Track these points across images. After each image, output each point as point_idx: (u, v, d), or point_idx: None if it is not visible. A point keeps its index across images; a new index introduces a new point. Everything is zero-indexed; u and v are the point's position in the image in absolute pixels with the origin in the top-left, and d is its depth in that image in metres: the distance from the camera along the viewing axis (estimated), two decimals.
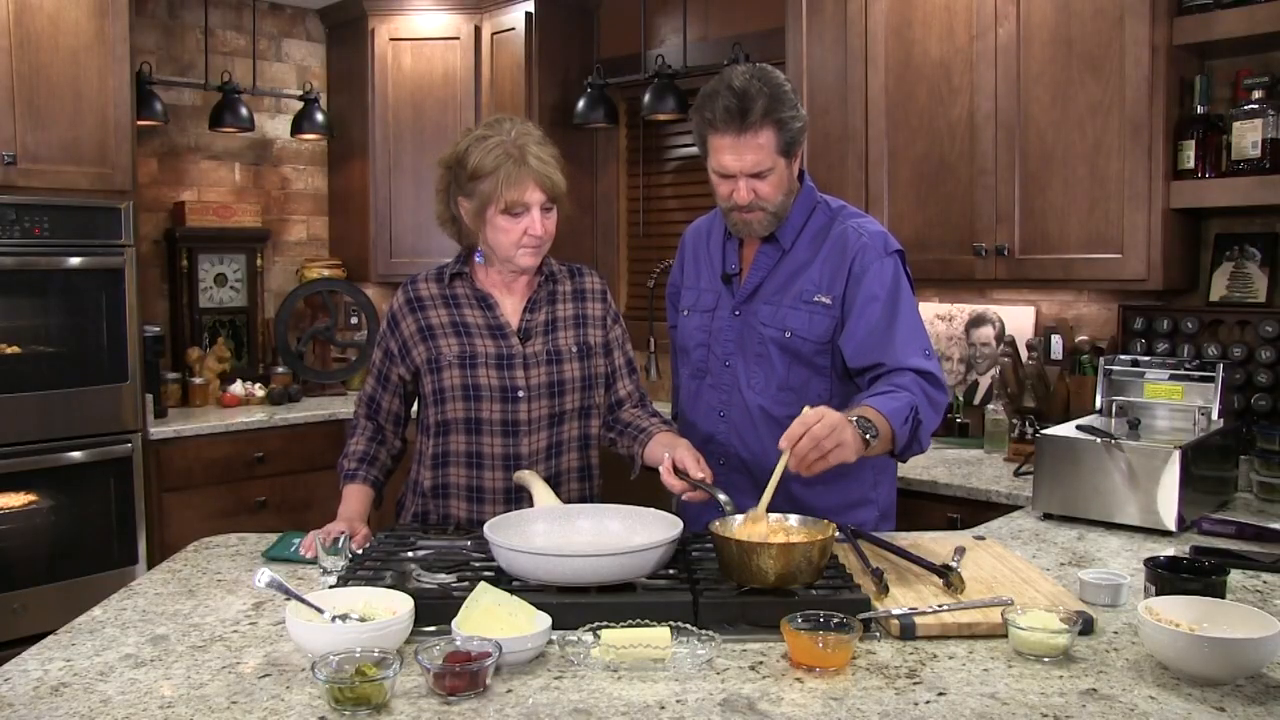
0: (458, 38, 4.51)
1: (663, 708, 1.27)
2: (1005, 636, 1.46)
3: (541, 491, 1.89)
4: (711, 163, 2.01)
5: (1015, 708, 1.27)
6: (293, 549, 1.95)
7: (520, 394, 2.02)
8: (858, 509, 2.08)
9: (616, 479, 2.21)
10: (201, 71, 4.44)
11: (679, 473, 1.87)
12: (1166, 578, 1.59)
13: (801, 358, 2.04)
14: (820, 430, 1.65)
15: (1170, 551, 1.91)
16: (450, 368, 2.02)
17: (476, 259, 2.10)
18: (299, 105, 4.65)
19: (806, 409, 1.70)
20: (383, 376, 2.14)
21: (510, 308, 2.08)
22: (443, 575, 1.64)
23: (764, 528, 1.64)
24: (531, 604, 1.46)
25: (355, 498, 2.07)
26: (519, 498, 2.00)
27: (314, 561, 1.84)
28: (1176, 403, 2.42)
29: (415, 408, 2.17)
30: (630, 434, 2.10)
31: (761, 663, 1.41)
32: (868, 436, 1.73)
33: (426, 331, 2.06)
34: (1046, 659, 1.41)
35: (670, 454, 1.89)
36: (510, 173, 1.93)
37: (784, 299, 2.05)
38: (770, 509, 1.68)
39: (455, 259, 2.12)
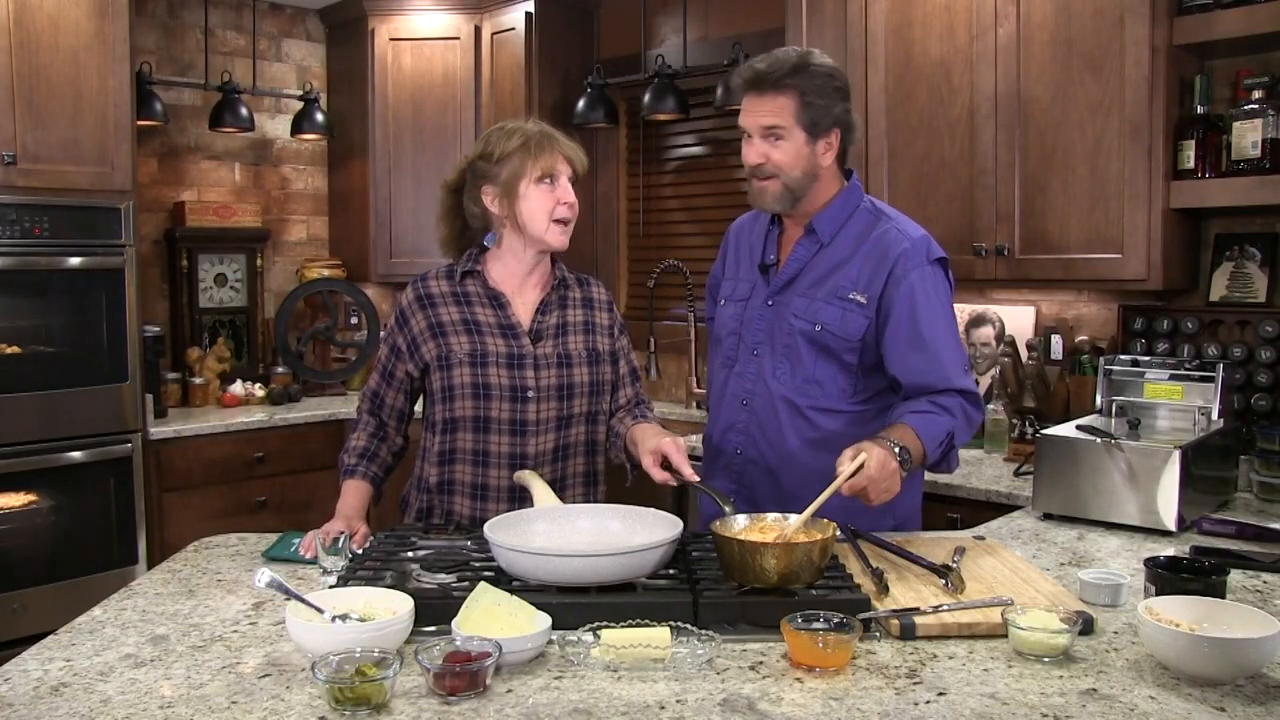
0: (458, 38, 4.51)
1: (663, 708, 1.27)
2: (1005, 636, 1.46)
3: (541, 491, 1.89)
4: (739, 125, 2.06)
5: (1015, 708, 1.27)
6: (293, 549, 1.95)
7: (530, 394, 2.02)
8: (875, 517, 2.07)
9: (622, 485, 2.21)
10: (201, 71, 4.44)
11: (671, 470, 1.88)
12: (1166, 578, 1.59)
13: (830, 352, 2.03)
14: (879, 476, 1.75)
15: (1170, 551, 1.91)
16: (461, 365, 2.02)
17: (487, 240, 2.10)
18: (299, 105, 4.65)
19: (865, 456, 1.74)
20: (388, 373, 2.14)
21: (522, 308, 2.08)
22: (443, 575, 1.64)
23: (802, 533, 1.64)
24: (531, 604, 1.46)
25: (354, 493, 2.07)
26: (523, 496, 1.99)
27: (314, 561, 1.85)
28: (1176, 403, 2.42)
29: (420, 406, 2.17)
30: (611, 439, 2.13)
31: (761, 663, 1.41)
32: (906, 468, 1.82)
33: (437, 328, 2.06)
34: (1046, 659, 1.41)
35: (659, 444, 1.90)
36: (536, 146, 2.00)
37: (818, 293, 2.04)
38: (781, 509, 1.74)
39: (466, 256, 2.12)
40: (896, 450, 1.80)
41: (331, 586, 1.61)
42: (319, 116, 4.61)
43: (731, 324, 2.15)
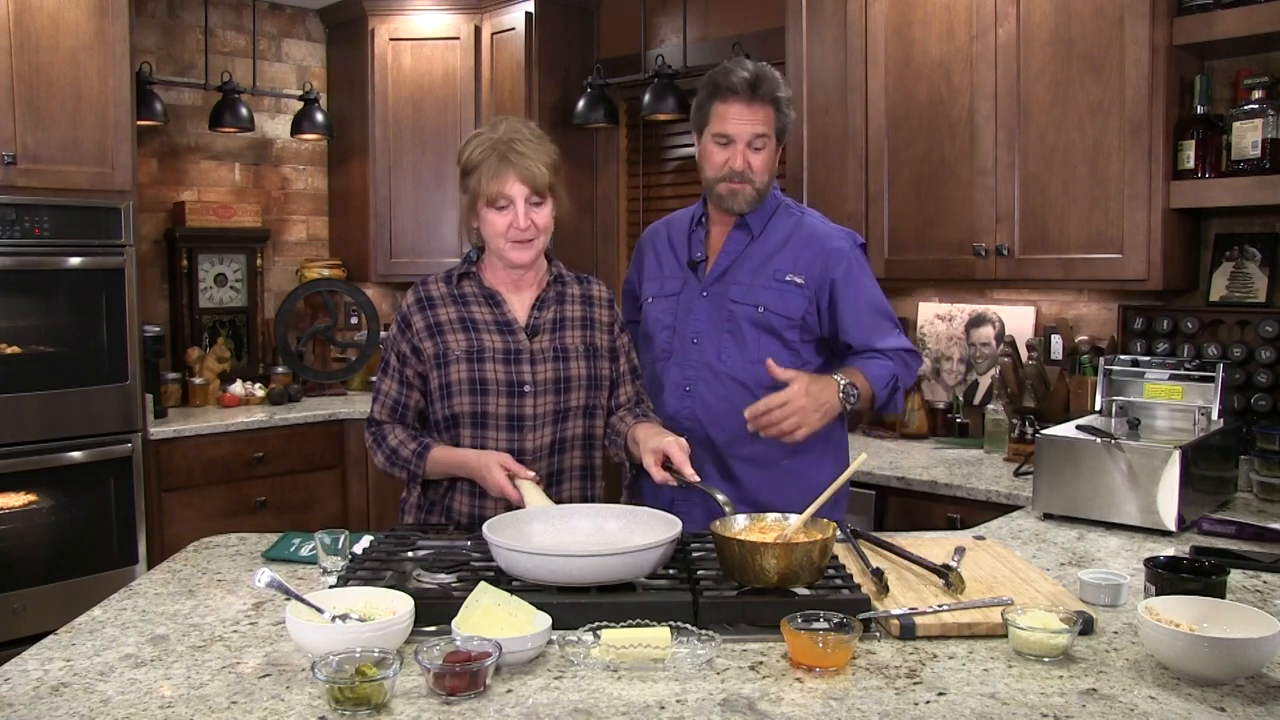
0: (458, 38, 4.51)
1: (663, 708, 1.27)
2: (1005, 636, 1.46)
3: (532, 493, 1.88)
4: (713, 129, 2.18)
5: (1015, 708, 1.27)
6: (293, 549, 1.95)
7: (526, 388, 2.02)
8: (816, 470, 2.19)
9: (620, 483, 2.21)
10: (201, 71, 4.44)
11: (671, 470, 1.89)
12: (1166, 578, 1.59)
13: (773, 331, 2.21)
14: (805, 401, 1.99)
15: (1170, 551, 1.91)
16: (458, 362, 2.03)
17: (473, 255, 2.13)
18: (299, 105, 4.65)
19: (790, 386, 1.99)
20: (403, 378, 2.09)
21: (518, 305, 2.09)
22: (443, 575, 1.64)
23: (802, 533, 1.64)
24: (531, 604, 1.46)
25: (452, 450, 2.02)
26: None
27: (314, 561, 1.85)
28: (1176, 403, 2.42)
29: None
30: (612, 437, 2.13)
31: (761, 663, 1.41)
32: (850, 402, 2.07)
33: (435, 328, 2.06)
34: (1046, 659, 1.41)
35: (660, 443, 1.91)
36: (492, 166, 1.98)
37: (756, 279, 2.22)
38: (730, 489, 1.95)
39: (463, 260, 2.14)
40: (841, 384, 2.06)
41: (331, 586, 1.61)
42: (319, 116, 4.61)
43: (665, 318, 2.30)
